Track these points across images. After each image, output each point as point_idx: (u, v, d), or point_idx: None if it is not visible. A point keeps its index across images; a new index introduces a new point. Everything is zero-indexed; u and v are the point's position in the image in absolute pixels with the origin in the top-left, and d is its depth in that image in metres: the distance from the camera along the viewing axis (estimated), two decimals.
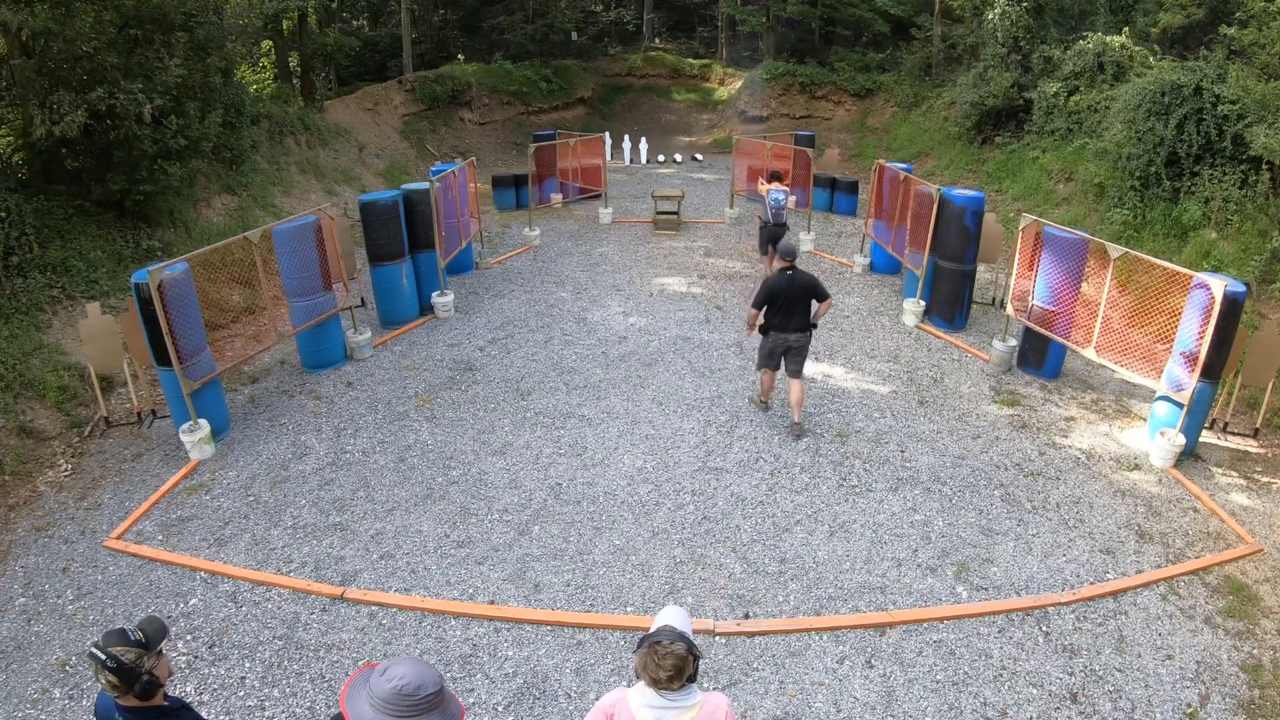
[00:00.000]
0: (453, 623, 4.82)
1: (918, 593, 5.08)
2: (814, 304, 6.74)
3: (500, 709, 4.21)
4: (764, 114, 22.72)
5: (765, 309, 6.72)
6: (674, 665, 2.35)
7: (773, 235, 10.29)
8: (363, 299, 9.58)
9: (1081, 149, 12.56)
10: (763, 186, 10.55)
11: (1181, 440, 6.43)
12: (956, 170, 16.16)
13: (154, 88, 8.66)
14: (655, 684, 2.38)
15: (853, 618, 4.86)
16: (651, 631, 2.45)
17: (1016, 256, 8.14)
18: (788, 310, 6.61)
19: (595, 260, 11.88)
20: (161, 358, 6.32)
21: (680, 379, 7.99)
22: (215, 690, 4.32)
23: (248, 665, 4.49)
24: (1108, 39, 13.56)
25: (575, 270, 11.41)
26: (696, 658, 2.41)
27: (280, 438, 6.91)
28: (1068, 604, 4.98)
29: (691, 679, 2.41)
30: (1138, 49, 13.41)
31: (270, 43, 17.05)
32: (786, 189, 10.40)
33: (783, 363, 6.93)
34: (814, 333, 7.02)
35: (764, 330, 6.83)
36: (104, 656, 2.38)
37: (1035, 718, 4.18)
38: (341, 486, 6.19)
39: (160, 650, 2.51)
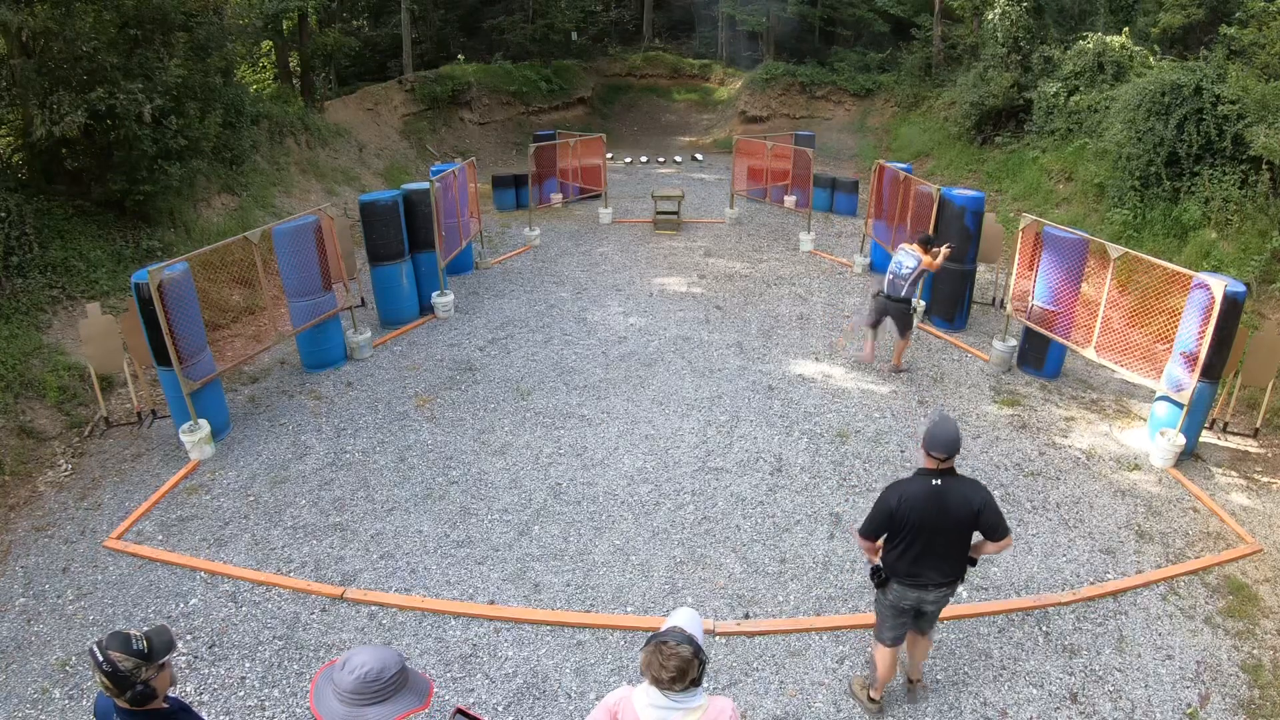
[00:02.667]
0: (453, 623, 4.82)
1: None
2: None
3: (500, 709, 4.22)
4: (764, 114, 22.72)
5: (885, 538, 3.79)
6: (677, 667, 2.34)
7: (883, 309, 7.92)
8: (363, 299, 9.58)
9: (1081, 149, 12.56)
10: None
11: (1181, 440, 6.42)
12: (956, 170, 16.16)
13: (154, 88, 8.67)
14: (657, 683, 2.37)
15: (853, 618, 4.86)
16: (660, 631, 2.45)
17: (1016, 256, 8.14)
18: (927, 547, 3.66)
19: (595, 260, 11.88)
20: (161, 358, 6.32)
21: (680, 379, 7.99)
22: (215, 690, 4.32)
23: (248, 665, 4.49)
24: (1108, 39, 13.56)
25: (575, 270, 11.41)
26: (702, 662, 2.40)
27: (280, 438, 6.91)
28: (1068, 604, 4.98)
29: (696, 683, 2.40)
30: (1138, 49, 13.42)
31: (270, 43, 17.05)
32: (920, 255, 7.68)
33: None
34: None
35: (879, 576, 3.86)
36: (101, 659, 2.34)
37: (1035, 718, 4.18)
38: (341, 486, 6.19)
39: (163, 663, 2.45)
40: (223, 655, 4.56)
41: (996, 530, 3.67)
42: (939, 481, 3.62)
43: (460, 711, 2.34)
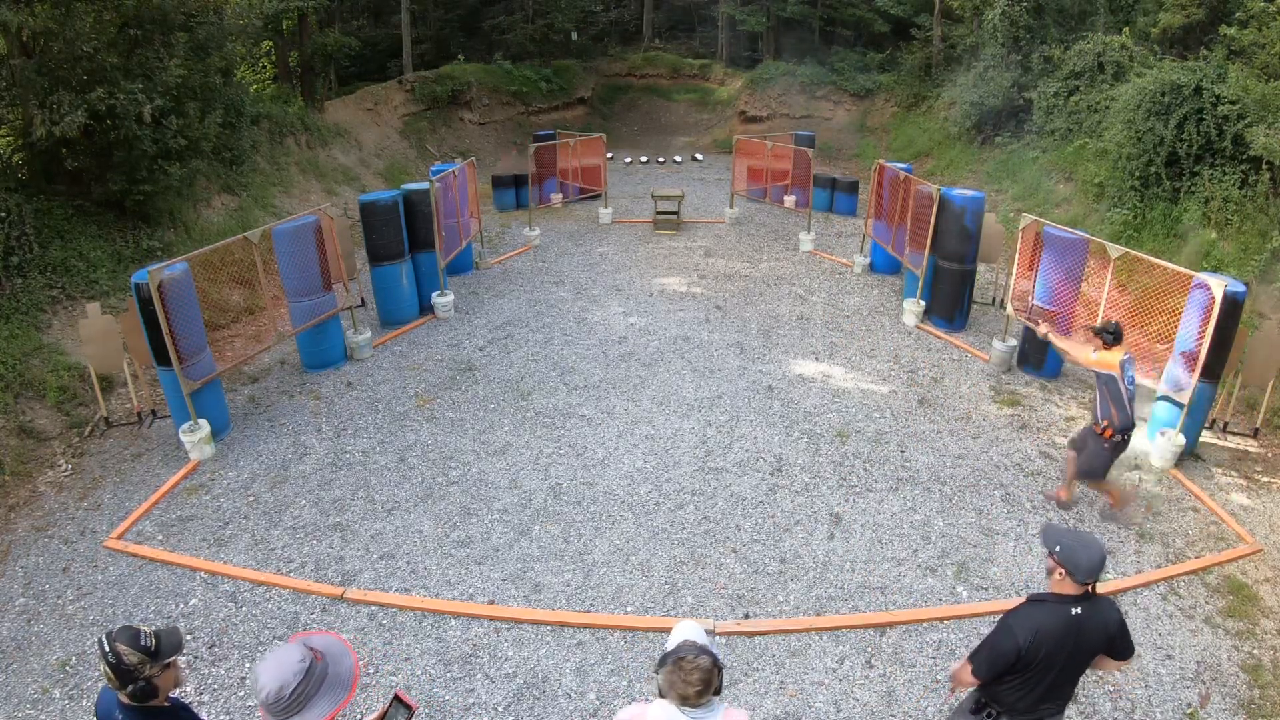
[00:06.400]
0: (453, 623, 4.82)
1: (918, 593, 5.08)
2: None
3: (500, 709, 4.22)
4: (764, 114, 22.71)
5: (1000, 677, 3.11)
6: (701, 679, 2.34)
7: (1118, 451, 5.57)
8: (363, 299, 9.57)
9: (1081, 149, 12.56)
10: (1088, 352, 5.50)
11: (1181, 440, 6.42)
12: (956, 170, 16.16)
13: (154, 88, 8.66)
14: (684, 700, 2.36)
15: (853, 618, 4.86)
16: (672, 649, 2.43)
17: (1016, 256, 8.14)
18: (1056, 681, 3.10)
19: (595, 260, 11.88)
20: (161, 358, 6.32)
21: (680, 379, 7.99)
22: (215, 690, 4.32)
23: (247, 665, 4.49)
24: (1108, 39, 13.55)
25: (575, 270, 11.41)
26: (721, 669, 2.40)
27: (280, 438, 6.91)
28: None
29: (717, 691, 2.39)
30: (1138, 49, 13.41)
31: (270, 43, 17.04)
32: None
33: None
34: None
35: (991, 713, 3.25)
36: (107, 649, 2.38)
37: None
38: (341, 486, 6.19)
39: (169, 663, 2.48)
40: (223, 655, 4.56)
41: (1128, 650, 3.15)
42: (1079, 610, 3.01)
43: (398, 698, 2.35)
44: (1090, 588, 3.03)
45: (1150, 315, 6.85)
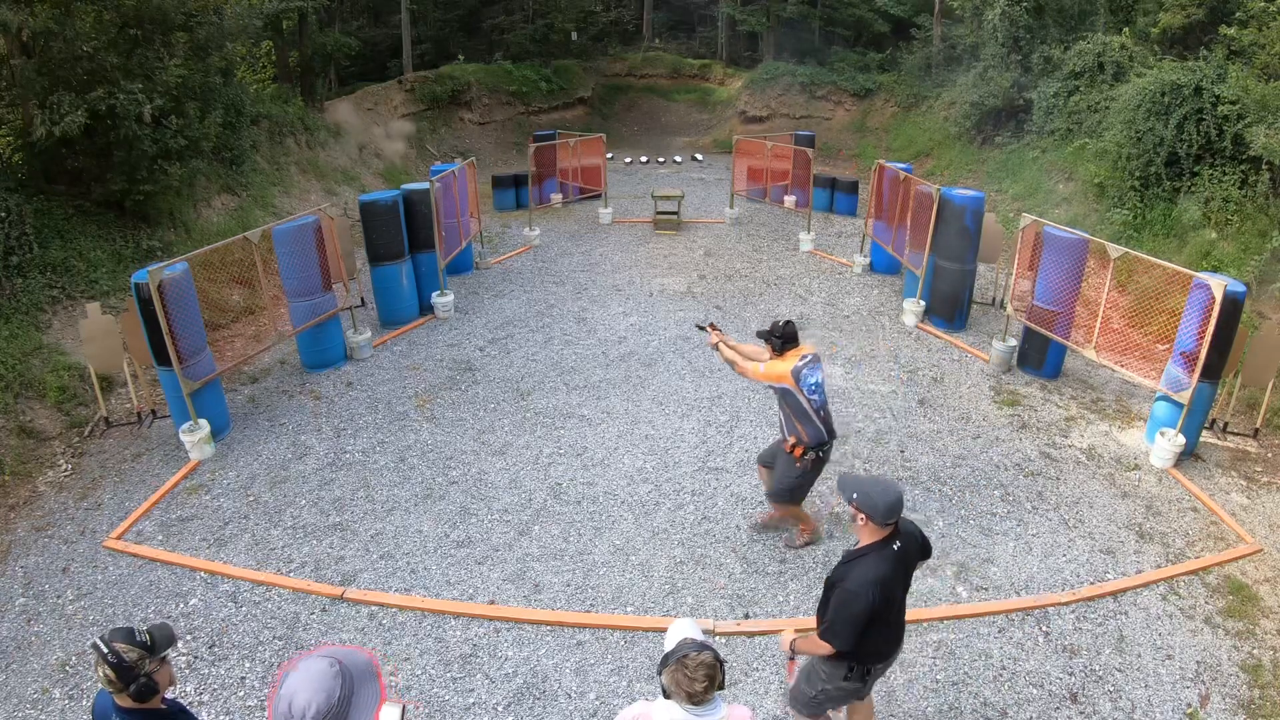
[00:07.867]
0: (453, 623, 4.82)
1: (918, 593, 5.06)
2: None
3: (500, 709, 4.22)
4: (764, 114, 22.71)
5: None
6: (706, 675, 2.38)
7: (814, 470, 5.14)
8: (363, 299, 9.57)
9: (1081, 149, 12.56)
10: (756, 365, 4.95)
11: (1181, 440, 6.42)
12: (956, 170, 16.16)
13: (154, 88, 8.67)
14: (690, 698, 2.39)
15: None
16: (673, 649, 2.46)
17: (1016, 256, 8.14)
18: (898, 611, 3.36)
19: (595, 260, 11.88)
20: (161, 358, 6.32)
21: (680, 379, 7.99)
22: (215, 690, 4.32)
23: (248, 665, 4.49)
24: (1108, 39, 13.55)
25: (575, 270, 11.41)
26: (723, 664, 2.44)
27: (280, 438, 6.91)
28: (1068, 604, 4.98)
29: (720, 686, 2.43)
30: (1138, 49, 13.40)
31: (270, 43, 17.04)
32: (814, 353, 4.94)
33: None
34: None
35: (860, 668, 3.36)
36: (105, 650, 2.40)
37: (1035, 718, 4.18)
38: (341, 486, 6.19)
39: (164, 657, 2.51)
40: (223, 655, 4.56)
41: (930, 550, 3.44)
42: (898, 545, 3.18)
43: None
44: (894, 525, 3.17)
45: (1150, 315, 6.85)
